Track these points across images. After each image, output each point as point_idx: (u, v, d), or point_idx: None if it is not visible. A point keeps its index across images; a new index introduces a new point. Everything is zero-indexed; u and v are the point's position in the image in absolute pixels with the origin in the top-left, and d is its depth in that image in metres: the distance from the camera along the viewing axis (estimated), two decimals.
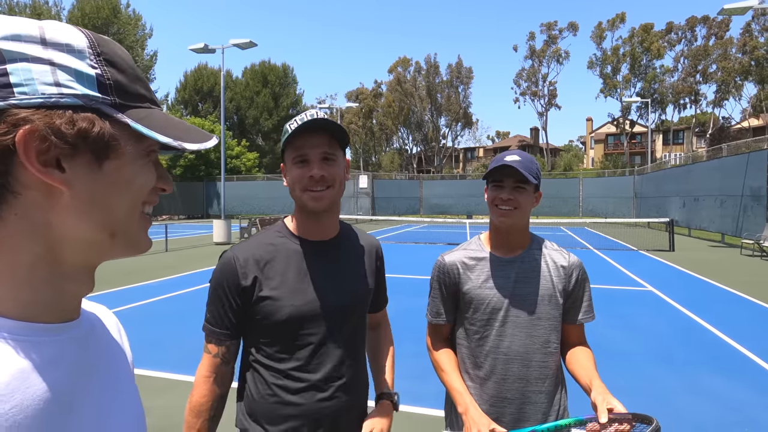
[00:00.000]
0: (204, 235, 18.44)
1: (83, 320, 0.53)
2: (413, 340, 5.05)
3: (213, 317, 1.17)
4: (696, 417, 3.36)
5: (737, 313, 6.40)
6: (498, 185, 1.39)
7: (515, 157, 1.37)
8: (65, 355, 0.48)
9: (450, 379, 1.41)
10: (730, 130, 42.07)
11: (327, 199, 1.15)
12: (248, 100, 44.95)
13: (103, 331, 0.57)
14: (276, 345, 1.16)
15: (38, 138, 0.42)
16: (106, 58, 0.47)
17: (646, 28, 41.98)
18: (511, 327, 1.40)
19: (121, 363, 0.58)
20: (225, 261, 1.17)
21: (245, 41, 16.49)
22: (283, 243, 1.19)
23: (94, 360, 0.52)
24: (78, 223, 0.46)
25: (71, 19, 33.66)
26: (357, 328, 1.25)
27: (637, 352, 4.80)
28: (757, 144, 15.51)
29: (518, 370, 1.39)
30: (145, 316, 6.17)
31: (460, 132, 54.72)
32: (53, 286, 0.47)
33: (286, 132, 1.14)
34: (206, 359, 1.18)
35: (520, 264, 1.44)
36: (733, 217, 15.28)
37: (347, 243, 1.28)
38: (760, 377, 4.12)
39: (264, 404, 1.16)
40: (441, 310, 1.51)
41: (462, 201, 33.64)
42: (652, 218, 20.38)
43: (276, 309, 1.13)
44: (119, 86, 0.47)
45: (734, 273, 9.65)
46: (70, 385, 0.47)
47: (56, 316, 0.48)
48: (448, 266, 1.49)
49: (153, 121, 0.48)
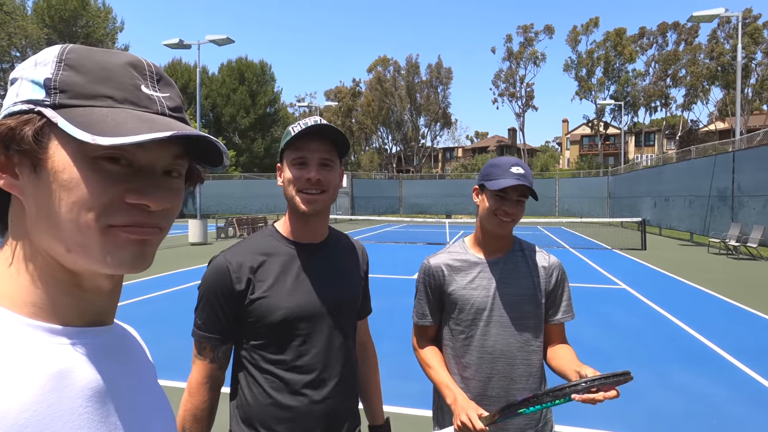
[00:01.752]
0: (179, 235, 18.05)
1: (116, 327, 0.54)
2: (393, 340, 5.06)
3: (205, 323, 1.16)
4: (666, 409, 3.47)
5: (704, 309, 6.64)
6: (501, 196, 1.40)
7: (520, 170, 1.38)
8: (108, 354, 0.50)
9: (437, 374, 1.44)
10: (698, 132, 43.64)
11: (320, 203, 1.17)
12: (224, 97, 44.19)
13: (134, 342, 0.59)
14: (270, 347, 1.16)
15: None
16: (68, 63, 0.46)
17: (619, 32, 43.12)
18: (495, 327, 1.43)
19: (152, 374, 0.59)
20: (218, 266, 1.17)
21: (222, 37, 16.21)
22: (275, 246, 1.21)
23: (129, 362, 0.54)
24: (35, 234, 0.46)
25: (36, 11, 32.38)
26: (349, 329, 1.26)
27: (610, 348, 4.92)
28: (723, 146, 16.13)
29: (502, 369, 1.42)
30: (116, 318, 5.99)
31: (439, 132, 55.14)
32: (66, 290, 0.48)
33: (289, 134, 1.16)
34: (200, 366, 1.17)
35: (503, 265, 1.47)
36: (701, 217, 15.86)
37: (337, 245, 1.30)
38: (725, 370, 4.28)
39: (258, 408, 1.16)
40: (426, 312, 1.53)
41: (441, 200, 33.89)
42: (625, 218, 20.97)
43: (270, 311, 1.14)
44: (70, 88, 0.45)
45: (702, 271, 10.02)
46: (112, 381, 0.49)
47: (81, 319, 0.49)
48: (433, 269, 1.51)
49: (92, 117, 0.43)
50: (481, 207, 1.46)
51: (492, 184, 1.39)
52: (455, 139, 60.38)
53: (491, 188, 1.38)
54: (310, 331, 1.17)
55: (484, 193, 1.45)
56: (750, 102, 37.30)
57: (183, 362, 4.34)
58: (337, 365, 1.21)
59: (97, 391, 0.47)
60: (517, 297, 1.44)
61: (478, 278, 1.46)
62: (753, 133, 15.06)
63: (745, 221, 12.99)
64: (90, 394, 0.45)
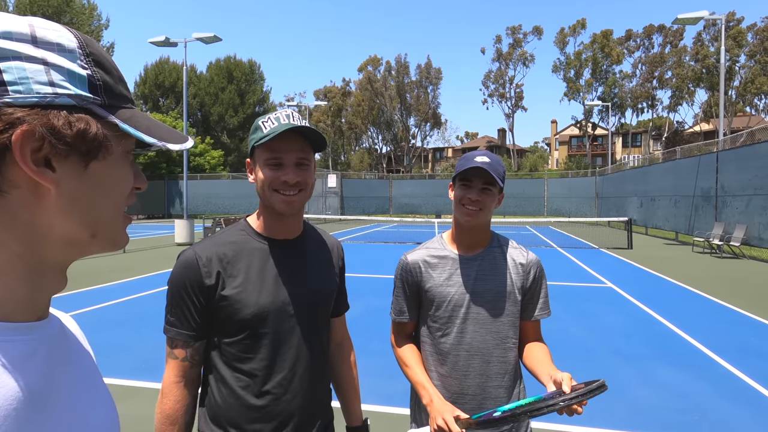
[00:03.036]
0: (165, 236, 17.84)
1: (53, 319, 0.53)
2: (380, 339, 5.05)
3: (178, 319, 1.12)
4: (648, 406, 3.50)
5: (688, 307, 6.73)
6: (466, 185, 1.40)
7: (485, 159, 1.38)
8: (37, 353, 0.48)
9: (414, 374, 1.42)
10: (683, 133, 44.33)
11: (298, 203, 1.14)
12: (213, 96, 43.80)
13: (71, 332, 0.58)
14: (239, 344, 1.13)
15: (35, 138, 0.42)
16: (94, 58, 0.47)
17: (606, 34, 43.61)
18: (472, 324, 1.42)
19: (90, 362, 0.58)
20: (186, 260, 1.13)
21: (209, 35, 16.04)
22: (247, 241, 1.17)
23: (66, 357, 0.53)
24: (60, 223, 0.46)
25: (18, 7, 31.77)
26: (321, 327, 1.24)
27: (596, 346, 4.96)
28: (708, 147, 16.38)
29: (479, 366, 1.41)
30: (98, 320, 5.90)
31: (429, 132, 55.27)
32: (29, 284, 0.47)
33: (259, 129, 1.11)
34: (173, 365, 1.13)
35: (480, 262, 1.46)
36: (686, 217, 16.09)
37: (311, 242, 1.27)
38: (708, 367, 4.34)
39: (227, 407, 1.13)
40: (404, 308, 1.51)
41: (431, 200, 33.97)
42: (612, 217, 21.20)
43: (240, 307, 1.11)
44: (107, 87, 0.48)
45: (686, 269, 10.16)
46: (43, 382, 0.47)
47: (29, 314, 0.48)
48: (410, 265, 1.49)
49: (138, 121, 0.49)
50: (453, 201, 1.46)
51: (455, 173, 1.42)
52: (445, 139, 60.65)
53: (455, 177, 1.42)
54: (281, 328, 1.14)
55: (451, 185, 1.47)
56: (734, 104, 37.98)
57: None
58: (309, 363, 1.18)
59: (31, 394, 0.45)
60: (495, 294, 1.43)
61: (456, 275, 1.45)
62: (736, 134, 15.32)
63: (728, 220, 13.21)
64: (22, 398, 0.44)
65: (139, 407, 3.42)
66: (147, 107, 41.94)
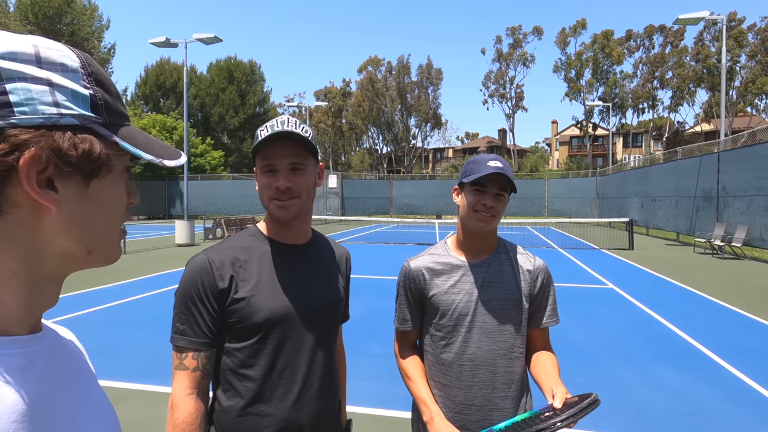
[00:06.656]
0: (165, 237, 17.83)
1: (47, 332, 0.53)
2: (381, 342, 5.02)
3: (189, 326, 1.09)
4: (651, 408, 3.48)
5: (690, 308, 6.70)
6: (480, 190, 1.35)
7: (498, 163, 1.33)
8: (34, 365, 0.48)
9: (416, 388, 1.39)
10: (684, 134, 44.28)
11: (293, 209, 1.14)
12: (213, 96, 43.77)
13: (68, 343, 0.58)
14: (249, 349, 1.11)
15: (41, 161, 0.43)
16: (95, 78, 0.48)
17: (606, 34, 43.57)
18: (477, 333, 1.38)
19: (88, 372, 0.58)
20: (199, 264, 1.11)
21: (210, 36, 16.04)
22: (257, 246, 1.18)
23: (63, 369, 0.52)
24: (59, 241, 0.46)
25: (19, 8, 31.78)
26: (332, 333, 1.23)
27: (598, 348, 4.94)
28: (709, 148, 16.35)
29: (484, 377, 1.37)
30: (97, 322, 5.88)
31: (429, 132, 55.23)
32: (23, 301, 0.47)
33: (256, 139, 1.13)
34: (183, 376, 1.08)
35: (487, 268, 1.42)
36: (687, 217, 16.06)
37: (320, 249, 1.27)
38: (710, 369, 4.31)
39: (236, 416, 1.11)
40: (407, 317, 1.47)
41: (431, 201, 33.94)
42: (613, 218, 21.16)
43: (253, 311, 1.10)
44: (108, 106, 0.48)
45: (688, 270, 10.13)
46: (42, 394, 0.47)
47: (23, 328, 0.48)
48: (413, 272, 1.45)
49: (136, 138, 0.50)
50: (461, 206, 1.41)
51: (470, 179, 1.35)
52: (446, 139, 60.70)
53: (469, 182, 1.35)
54: (292, 333, 1.13)
55: (464, 190, 1.40)
56: (734, 104, 37.93)
57: (169, 366, 4.26)
58: (319, 370, 1.17)
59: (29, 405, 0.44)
60: (501, 302, 1.39)
61: (461, 282, 1.40)
62: (737, 135, 15.29)
63: (729, 221, 13.17)
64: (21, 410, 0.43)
65: (137, 410, 3.41)
66: (148, 108, 41.89)
